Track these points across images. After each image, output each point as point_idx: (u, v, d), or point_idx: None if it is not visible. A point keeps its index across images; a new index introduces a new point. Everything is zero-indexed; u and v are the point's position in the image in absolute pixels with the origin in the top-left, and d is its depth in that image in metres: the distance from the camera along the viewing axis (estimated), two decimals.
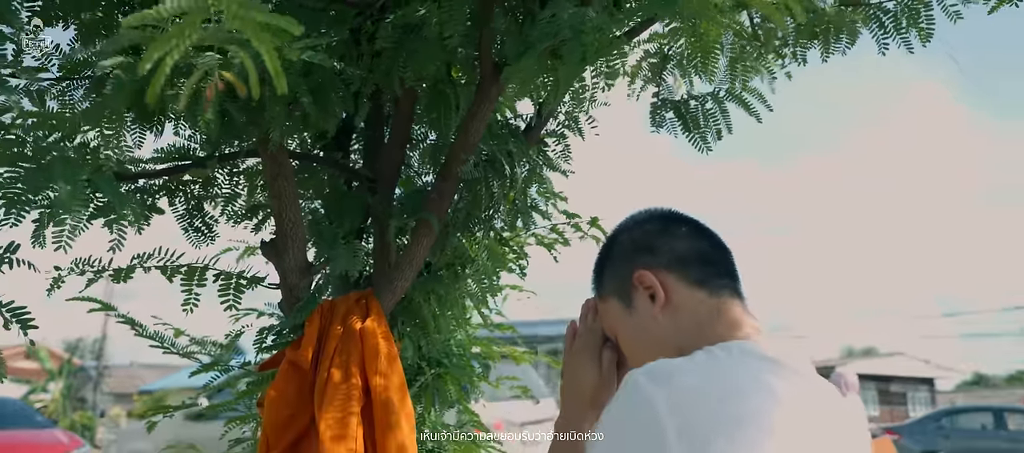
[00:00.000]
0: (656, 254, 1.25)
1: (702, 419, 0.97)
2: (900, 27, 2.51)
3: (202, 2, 1.09)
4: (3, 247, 1.68)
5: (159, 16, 1.09)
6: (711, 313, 1.20)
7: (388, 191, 2.40)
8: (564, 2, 1.79)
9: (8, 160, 1.40)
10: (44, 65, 1.71)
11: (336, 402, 2.04)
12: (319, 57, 1.58)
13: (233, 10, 1.09)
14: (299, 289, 2.22)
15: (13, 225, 1.44)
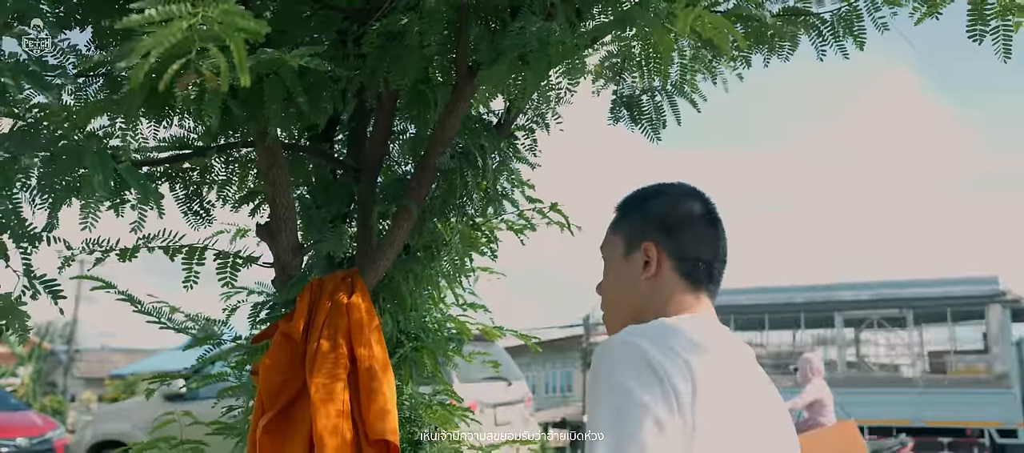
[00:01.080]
0: (671, 238, 1.41)
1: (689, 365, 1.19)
2: (837, 35, 2.77)
3: (185, 8, 1.31)
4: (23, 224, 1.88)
5: (150, 19, 1.32)
6: (680, 301, 1.39)
7: (371, 180, 2.64)
8: (531, 16, 2.04)
9: (41, 148, 1.61)
10: (62, 63, 1.91)
11: (325, 369, 2.28)
12: (315, 62, 1.82)
13: (212, 14, 1.32)
14: (291, 268, 2.45)
15: (49, 208, 1.66)
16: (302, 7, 2.39)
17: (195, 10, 1.29)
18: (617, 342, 1.24)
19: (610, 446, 1.15)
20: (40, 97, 2.04)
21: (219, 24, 1.24)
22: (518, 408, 9.70)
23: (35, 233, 1.80)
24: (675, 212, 1.45)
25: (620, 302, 1.47)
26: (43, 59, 1.69)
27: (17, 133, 1.59)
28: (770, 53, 2.92)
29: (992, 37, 2.27)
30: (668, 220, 1.44)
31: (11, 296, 1.84)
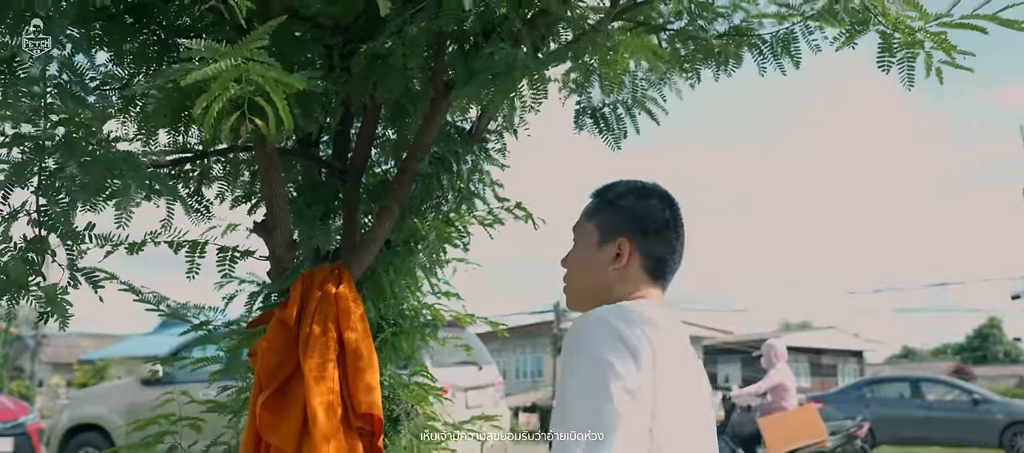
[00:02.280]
0: (644, 238, 1.61)
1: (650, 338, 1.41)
2: (775, 53, 3.10)
3: (235, 68, 1.61)
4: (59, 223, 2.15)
5: (206, 75, 1.61)
6: (640, 291, 1.60)
7: (356, 181, 2.92)
8: (500, 42, 2.34)
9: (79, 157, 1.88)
10: (99, 87, 2.17)
11: (317, 351, 2.57)
12: (312, 84, 2.10)
13: (257, 70, 1.62)
14: (285, 261, 2.74)
15: (89, 210, 1.94)
16: (294, 25, 2.67)
17: (237, 63, 1.58)
18: (592, 319, 1.44)
19: (588, 408, 1.34)
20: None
21: (262, 77, 1.53)
22: (489, 392, 10.00)
23: (79, 231, 2.08)
24: (650, 215, 1.64)
25: (587, 284, 1.66)
26: (84, 82, 1.96)
27: (65, 145, 1.86)
28: (717, 68, 3.24)
29: (898, 66, 2.61)
30: (643, 222, 1.64)
31: (56, 287, 2.11)
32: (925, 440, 18.51)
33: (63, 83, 1.84)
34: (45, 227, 1.97)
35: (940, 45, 2.55)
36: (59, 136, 1.88)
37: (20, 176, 1.86)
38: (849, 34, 2.69)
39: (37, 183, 1.90)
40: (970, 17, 2.50)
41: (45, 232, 1.98)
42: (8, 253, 2.00)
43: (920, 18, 2.58)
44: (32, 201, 1.96)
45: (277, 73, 1.63)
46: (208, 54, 1.67)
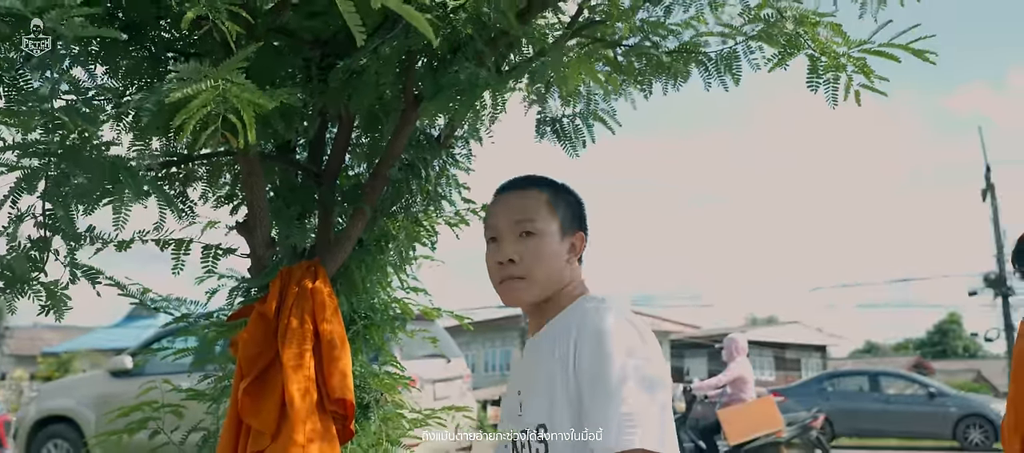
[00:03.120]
0: (586, 234, 1.83)
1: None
2: (719, 70, 3.36)
3: (214, 88, 1.84)
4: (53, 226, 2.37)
5: (187, 95, 1.84)
6: (580, 282, 1.81)
7: (331, 184, 3.15)
8: (465, 61, 2.58)
9: (85, 165, 2.10)
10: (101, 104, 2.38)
11: (294, 342, 2.80)
12: (290, 99, 2.33)
13: (232, 91, 1.85)
14: (265, 259, 2.96)
15: (87, 213, 2.15)
16: (276, 39, 2.89)
17: (216, 84, 1.81)
18: (624, 321, 1.61)
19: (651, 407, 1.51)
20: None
21: (237, 98, 1.77)
22: (457, 384, 10.23)
23: (79, 233, 2.29)
24: (586, 214, 1.88)
25: (546, 272, 1.74)
26: (89, 99, 2.17)
27: (70, 154, 2.07)
28: (667, 82, 3.51)
29: (824, 87, 2.89)
30: (585, 220, 1.86)
31: (57, 283, 2.32)
32: (882, 432, 19.05)
33: (71, 100, 2.05)
34: (50, 229, 2.18)
35: (861, 69, 2.84)
36: (64, 146, 2.09)
37: (30, 183, 2.07)
38: (781, 56, 2.96)
39: (43, 188, 2.11)
40: (886, 45, 2.79)
41: (49, 233, 2.19)
42: (13, 251, 2.21)
43: (844, 44, 2.86)
44: (37, 204, 2.17)
45: (250, 94, 1.86)
46: (191, 76, 1.90)
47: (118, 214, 2.24)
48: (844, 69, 2.87)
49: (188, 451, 3.57)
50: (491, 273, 1.79)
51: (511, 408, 1.78)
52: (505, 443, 1.78)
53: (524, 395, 1.74)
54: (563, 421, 1.62)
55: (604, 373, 1.55)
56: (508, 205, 1.78)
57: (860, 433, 19.36)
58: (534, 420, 1.67)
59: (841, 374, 21.74)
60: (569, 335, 1.65)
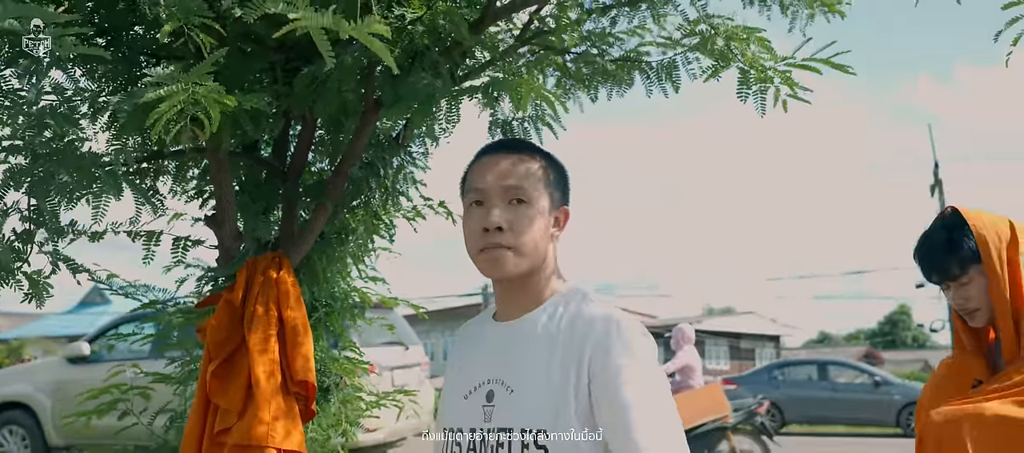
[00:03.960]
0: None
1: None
2: (660, 78, 3.61)
3: (184, 90, 2.04)
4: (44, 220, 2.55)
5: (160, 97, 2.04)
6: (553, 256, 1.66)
7: (295, 180, 3.35)
8: (421, 72, 2.80)
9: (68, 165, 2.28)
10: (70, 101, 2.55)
11: (260, 327, 3.00)
12: (261, 103, 2.53)
13: (201, 92, 2.05)
14: (233, 250, 3.16)
15: (69, 208, 2.34)
16: (241, 41, 3.07)
17: (187, 87, 2.01)
18: (644, 330, 1.53)
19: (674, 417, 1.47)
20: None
21: (205, 99, 1.97)
22: (414, 371, 10.42)
23: (62, 226, 2.46)
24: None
25: (535, 245, 1.58)
26: (71, 103, 2.35)
27: (54, 155, 2.25)
28: (612, 87, 3.75)
29: (754, 98, 3.15)
30: (569, 194, 1.71)
31: (40, 273, 2.49)
32: (830, 419, 19.58)
33: (54, 105, 2.23)
34: (35, 223, 2.35)
35: (786, 81, 3.10)
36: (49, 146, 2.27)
37: (17, 180, 2.25)
38: (715, 68, 3.22)
39: (29, 185, 2.29)
40: (809, 60, 3.06)
41: (34, 227, 2.37)
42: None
43: (771, 59, 3.13)
44: (22, 200, 2.35)
45: (217, 94, 2.07)
46: (164, 80, 2.10)
47: (97, 209, 2.42)
48: (771, 81, 3.13)
49: (156, 432, 3.75)
50: (472, 239, 1.61)
51: (474, 400, 1.61)
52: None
53: (506, 389, 1.57)
54: (566, 425, 1.48)
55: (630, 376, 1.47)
56: (499, 168, 1.61)
57: (809, 420, 19.90)
58: (529, 422, 1.51)
59: (791, 363, 22.29)
60: (577, 331, 1.54)
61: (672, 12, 3.53)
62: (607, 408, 1.46)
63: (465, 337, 1.78)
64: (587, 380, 1.49)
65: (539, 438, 1.48)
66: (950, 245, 2.25)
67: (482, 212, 1.59)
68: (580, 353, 1.51)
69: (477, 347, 1.70)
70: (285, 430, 2.90)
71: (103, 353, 10.06)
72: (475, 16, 3.09)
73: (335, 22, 1.73)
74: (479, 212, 1.60)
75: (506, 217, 1.57)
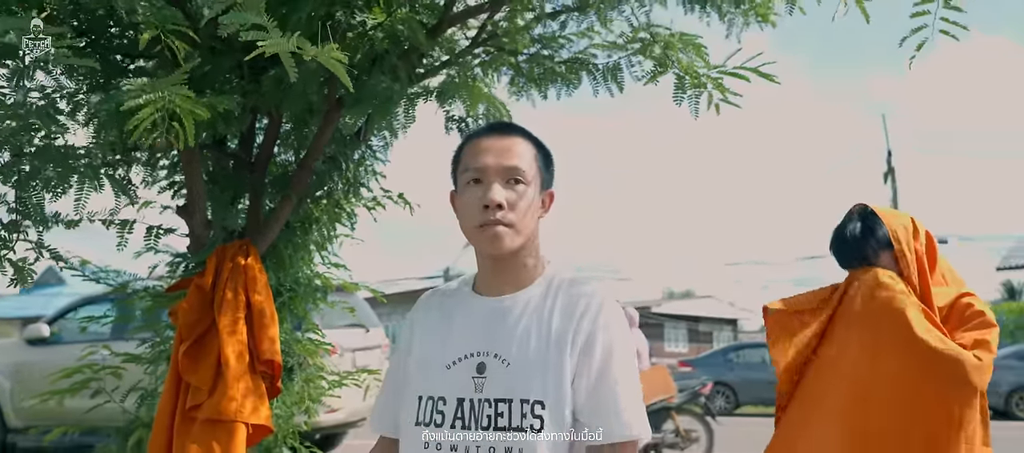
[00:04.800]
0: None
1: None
2: (606, 79, 3.87)
3: (161, 97, 2.26)
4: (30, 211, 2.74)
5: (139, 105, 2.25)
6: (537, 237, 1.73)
7: (261, 173, 3.56)
8: (381, 75, 3.03)
9: (52, 161, 2.48)
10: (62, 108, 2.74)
11: (229, 311, 3.22)
12: (231, 104, 2.74)
13: (176, 101, 2.27)
14: (203, 238, 3.36)
15: (54, 199, 2.54)
16: (211, 43, 3.27)
17: (162, 95, 2.23)
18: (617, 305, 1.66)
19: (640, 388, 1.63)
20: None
21: (179, 108, 2.19)
22: (375, 353, 10.61)
23: (46, 217, 2.66)
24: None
25: (529, 223, 1.66)
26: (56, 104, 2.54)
27: (40, 152, 2.44)
28: (561, 87, 4.00)
29: (688, 101, 3.42)
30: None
31: (24, 260, 2.69)
32: None
33: (40, 105, 2.42)
34: (22, 214, 2.55)
35: (718, 87, 3.38)
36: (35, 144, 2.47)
37: (7, 176, 2.44)
38: (654, 73, 3.49)
39: (16, 179, 2.49)
40: (739, 67, 3.33)
41: (20, 218, 2.56)
42: None
43: (705, 66, 3.40)
44: (9, 193, 2.54)
45: (190, 104, 2.28)
46: (142, 89, 2.31)
47: (78, 201, 2.63)
48: (705, 86, 3.40)
49: (128, 410, 3.94)
50: (471, 215, 1.66)
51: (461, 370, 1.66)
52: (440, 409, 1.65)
53: (502, 362, 1.64)
54: (562, 399, 1.59)
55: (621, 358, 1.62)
56: (498, 149, 1.67)
57: (762, 401, 20.44)
58: (528, 393, 1.59)
59: (745, 346, 22.78)
60: (572, 309, 1.64)
61: (618, 17, 3.80)
62: (590, 373, 1.60)
63: (438, 308, 1.80)
64: (581, 351, 1.61)
65: (536, 408, 1.57)
66: (867, 232, 2.55)
67: (481, 190, 1.64)
68: (574, 327, 1.62)
69: (460, 319, 1.73)
70: (253, 406, 3.13)
71: (63, 335, 10.10)
72: (433, 21, 3.32)
73: (300, 44, 1.94)
74: (478, 190, 1.64)
75: (506, 195, 1.63)
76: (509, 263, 1.69)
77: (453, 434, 1.62)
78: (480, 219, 1.63)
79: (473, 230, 1.66)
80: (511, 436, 1.57)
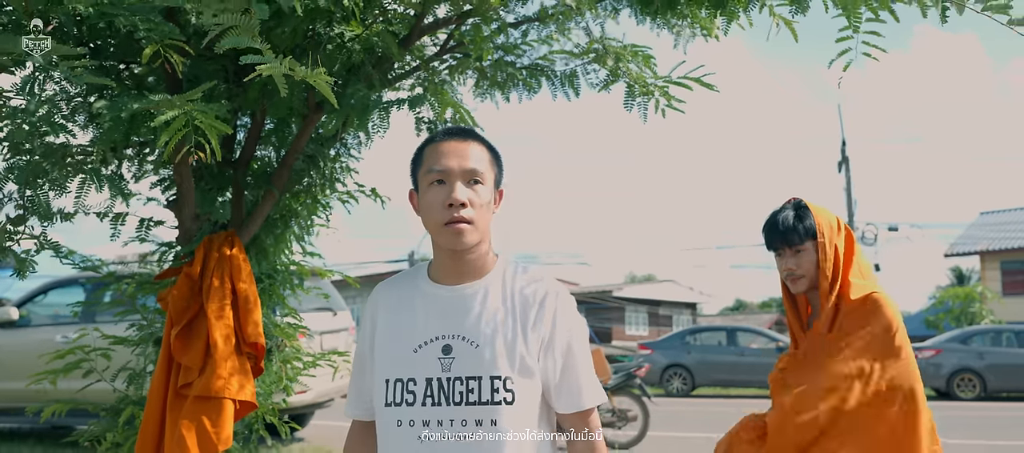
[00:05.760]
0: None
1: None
2: (564, 85, 4.20)
3: (184, 114, 2.54)
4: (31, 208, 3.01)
5: (167, 119, 2.54)
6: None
7: (244, 170, 3.84)
8: (358, 83, 3.33)
9: (58, 161, 2.75)
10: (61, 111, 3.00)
11: (216, 297, 3.51)
12: (223, 112, 3.02)
13: (199, 117, 2.56)
14: (192, 231, 3.65)
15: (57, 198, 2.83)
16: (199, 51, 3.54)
17: (185, 111, 2.51)
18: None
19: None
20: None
21: (202, 123, 2.47)
22: (342, 335, 10.86)
23: (52, 212, 2.93)
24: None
25: (486, 220, 1.83)
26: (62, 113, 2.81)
27: (48, 153, 2.71)
28: (524, 91, 4.33)
29: (638, 107, 3.77)
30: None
31: (28, 252, 2.97)
32: (736, 382, 20.67)
33: (49, 114, 2.70)
34: (29, 210, 2.82)
35: (664, 95, 3.73)
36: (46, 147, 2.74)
37: (20, 175, 2.71)
38: (606, 82, 3.84)
39: (25, 180, 2.76)
40: (683, 77, 3.68)
41: (27, 213, 2.84)
42: None
43: (653, 76, 3.75)
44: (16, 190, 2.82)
45: (212, 120, 2.57)
46: (164, 105, 2.59)
47: (79, 198, 2.91)
48: (652, 94, 3.75)
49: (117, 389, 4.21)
50: (435, 213, 1.79)
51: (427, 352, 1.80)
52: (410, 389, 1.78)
53: (469, 344, 1.78)
54: (530, 375, 1.78)
55: (578, 340, 1.84)
56: (459, 152, 1.81)
57: (718, 383, 21.01)
58: (496, 371, 1.76)
59: (702, 329, 23.30)
60: (531, 297, 1.83)
61: (575, 27, 4.13)
62: (557, 355, 1.81)
63: (396, 297, 1.93)
64: (539, 333, 1.80)
65: (507, 383, 1.75)
66: (797, 219, 2.89)
67: (445, 190, 1.78)
68: (535, 313, 1.81)
69: (422, 307, 1.86)
70: (239, 384, 3.43)
71: (32, 318, 10.19)
72: (404, 32, 3.63)
73: (292, 66, 2.24)
74: (442, 190, 1.78)
75: (467, 195, 1.77)
76: (468, 255, 1.83)
77: (425, 411, 1.76)
78: (445, 217, 1.77)
79: (438, 227, 1.80)
80: (483, 409, 1.74)
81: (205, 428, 3.34)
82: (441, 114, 3.38)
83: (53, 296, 9.98)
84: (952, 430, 11.58)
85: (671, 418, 14.37)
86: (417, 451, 1.75)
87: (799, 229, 2.85)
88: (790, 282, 2.88)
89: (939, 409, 15.54)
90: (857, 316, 2.80)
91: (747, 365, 20.40)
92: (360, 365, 1.95)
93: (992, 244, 31.54)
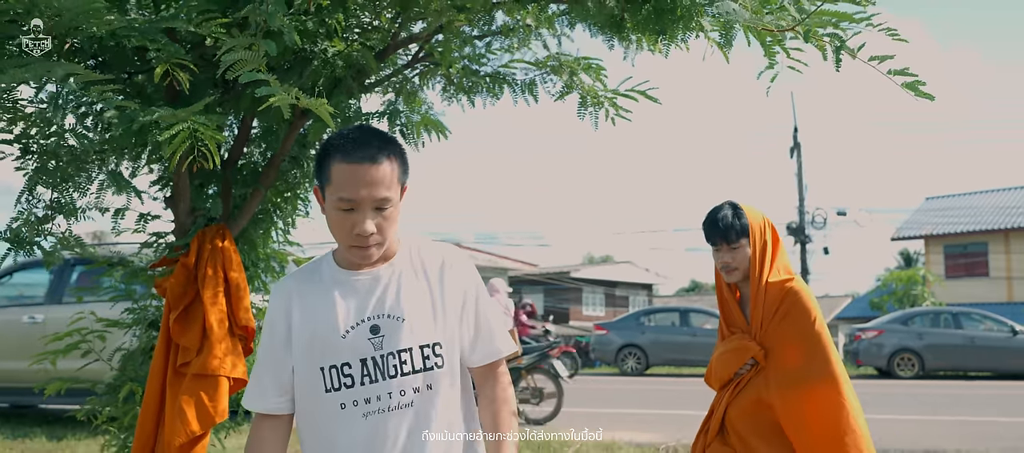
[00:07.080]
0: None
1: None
2: (524, 92, 4.63)
3: (188, 126, 2.94)
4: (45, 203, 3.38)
5: (172, 129, 2.93)
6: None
7: (233, 169, 4.22)
8: (341, 95, 3.73)
9: (78, 164, 3.13)
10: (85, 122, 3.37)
11: (211, 285, 3.89)
12: (222, 120, 3.41)
13: (199, 130, 2.95)
14: (187, 224, 4.02)
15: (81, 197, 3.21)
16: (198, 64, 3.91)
17: (188, 124, 2.90)
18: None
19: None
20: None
21: (203, 134, 2.86)
22: None
23: (75, 209, 3.31)
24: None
25: (395, 232, 1.90)
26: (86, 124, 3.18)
27: (69, 156, 3.09)
28: (487, 96, 4.75)
29: (591, 116, 4.22)
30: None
31: (56, 246, 3.34)
32: (689, 361, 21.36)
33: (74, 127, 3.07)
34: (55, 210, 3.19)
35: (613, 105, 4.19)
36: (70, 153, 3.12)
37: (53, 178, 3.09)
38: (562, 93, 4.28)
39: (54, 183, 3.13)
40: (631, 90, 4.14)
41: (53, 212, 3.21)
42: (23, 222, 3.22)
43: (604, 89, 4.20)
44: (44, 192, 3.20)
45: (211, 129, 2.96)
46: (168, 119, 2.97)
47: (98, 197, 3.29)
48: (603, 104, 4.21)
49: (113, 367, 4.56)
50: (343, 235, 1.84)
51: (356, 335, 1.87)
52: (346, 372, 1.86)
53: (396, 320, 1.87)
54: (452, 337, 1.93)
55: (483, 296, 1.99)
56: (366, 180, 1.78)
57: (671, 362, 21.70)
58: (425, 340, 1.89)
59: (656, 310, 23.96)
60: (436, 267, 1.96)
61: (535, 40, 4.56)
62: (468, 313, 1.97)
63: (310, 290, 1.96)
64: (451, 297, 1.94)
65: (436, 349, 1.89)
66: (734, 218, 3.32)
67: (354, 218, 1.81)
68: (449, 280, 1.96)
69: (340, 294, 1.92)
70: (232, 363, 3.83)
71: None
72: (381, 46, 4.04)
73: (298, 96, 2.65)
74: (349, 216, 1.81)
75: (376, 223, 1.82)
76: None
77: (365, 390, 1.85)
78: (352, 242, 1.84)
79: (345, 244, 1.87)
80: (418, 377, 1.87)
81: (203, 402, 3.74)
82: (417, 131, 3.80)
83: (19, 277, 10.19)
84: (892, 407, 12.31)
85: (626, 396, 14.97)
86: (363, 428, 1.84)
87: (736, 226, 3.28)
88: (726, 273, 3.32)
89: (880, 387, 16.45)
90: (777, 303, 3.24)
91: (699, 345, 21.10)
92: (272, 358, 1.95)
93: (936, 229, 32.70)
